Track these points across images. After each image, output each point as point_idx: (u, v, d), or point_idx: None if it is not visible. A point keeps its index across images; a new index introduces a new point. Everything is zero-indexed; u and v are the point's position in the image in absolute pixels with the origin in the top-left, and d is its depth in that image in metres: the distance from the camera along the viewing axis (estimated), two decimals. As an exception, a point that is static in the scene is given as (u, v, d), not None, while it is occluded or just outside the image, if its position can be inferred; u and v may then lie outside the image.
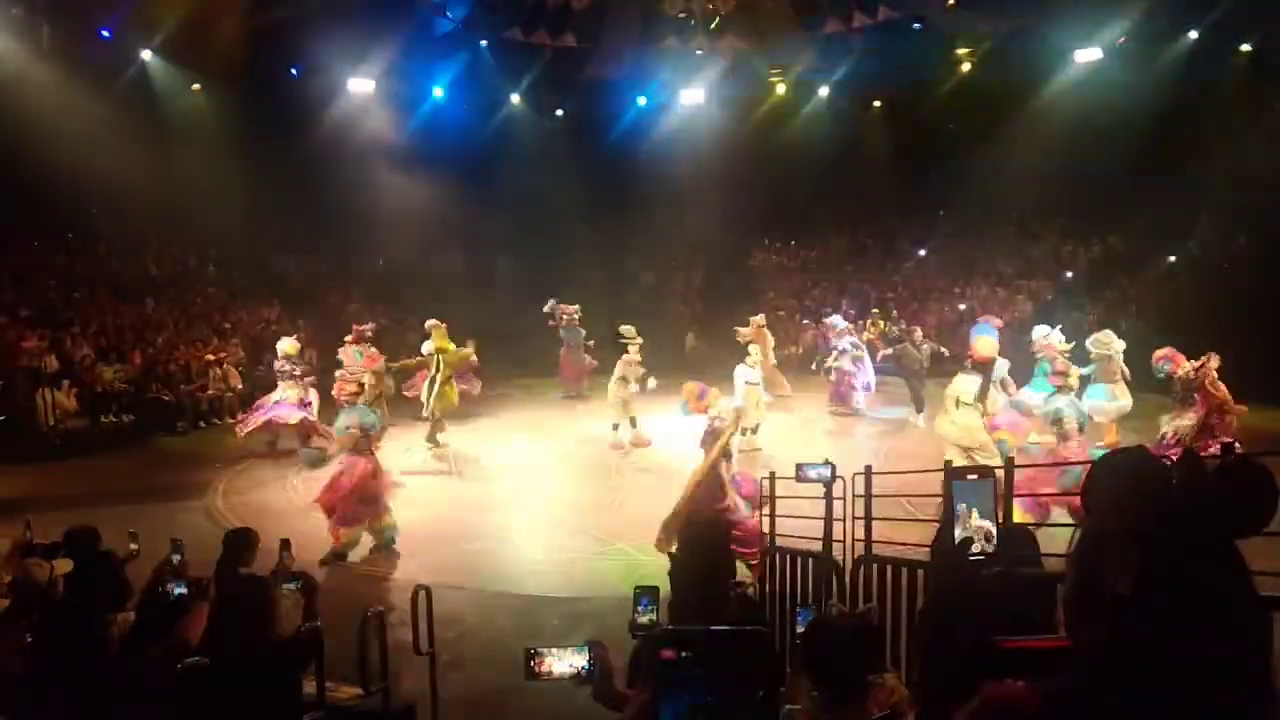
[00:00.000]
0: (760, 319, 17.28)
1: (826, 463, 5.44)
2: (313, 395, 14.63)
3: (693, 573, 3.37)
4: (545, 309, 18.18)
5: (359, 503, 9.99)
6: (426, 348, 15.27)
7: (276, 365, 14.70)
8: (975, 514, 2.22)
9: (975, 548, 2.19)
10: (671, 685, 2.38)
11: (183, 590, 4.02)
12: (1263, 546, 1.70)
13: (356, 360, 10.63)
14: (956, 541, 2.18)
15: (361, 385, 10.48)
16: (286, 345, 14.90)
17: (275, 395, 14.60)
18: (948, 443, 10.65)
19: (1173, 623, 1.49)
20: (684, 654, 2.39)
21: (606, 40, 21.70)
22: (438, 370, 14.63)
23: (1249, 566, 1.50)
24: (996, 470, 2.66)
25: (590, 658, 2.84)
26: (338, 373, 10.86)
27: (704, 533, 3.63)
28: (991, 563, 2.20)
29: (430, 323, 15.47)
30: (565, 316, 18.37)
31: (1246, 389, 11.61)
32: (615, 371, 14.73)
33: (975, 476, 2.29)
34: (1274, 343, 15.38)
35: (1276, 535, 1.80)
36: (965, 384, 10.73)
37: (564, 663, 2.83)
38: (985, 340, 11.13)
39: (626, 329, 15.12)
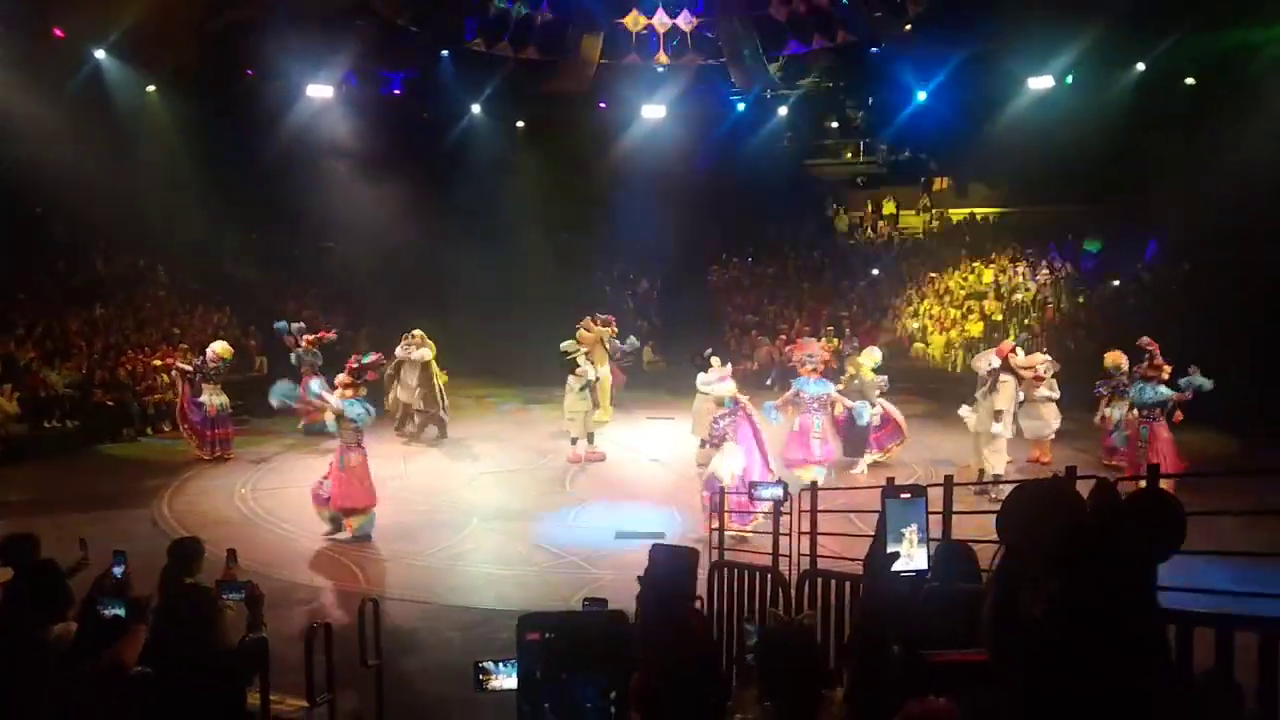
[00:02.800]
0: (605, 326, 16.19)
1: (779, 482, 5.52)
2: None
3: (659, 598, 3.45)
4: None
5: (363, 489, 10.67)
6: (424, 355, 15.83)
7: (210, 368, 14.96)
8: (914, 531, 2.28)
9: (906, 564, 2.26)
10: (537, 663, 2.51)
11: (118, 611, 3.97)
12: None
13: (365, 359, 11.27)
14: (886, 555, 2.24)
15: (357, 375, 11.03)
16: (220, 348, 15.26)
17: (207, 400, 14.86)
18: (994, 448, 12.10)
19: (1083, 645, 1.56)
20: (547, 634, 2.50)
21: (568, 55, 21.78)
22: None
23: (1155, 587, 1.58)
24: (930, 488, 2.75)
25: None
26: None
27: (670, 561, 3.70)
28: (921, 579, 2.27)
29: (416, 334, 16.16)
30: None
31: (1188, 410, 12.06)
32: (569, 386, 14.65)
33: (908, 495, 2.35)
34: (1221, 366, 15.80)
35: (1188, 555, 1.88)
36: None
37: (512, 677, 2.89)
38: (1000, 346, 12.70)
39: (569, 344, 15.03)
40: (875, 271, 26.85)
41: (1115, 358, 13.25)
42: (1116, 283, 22.64)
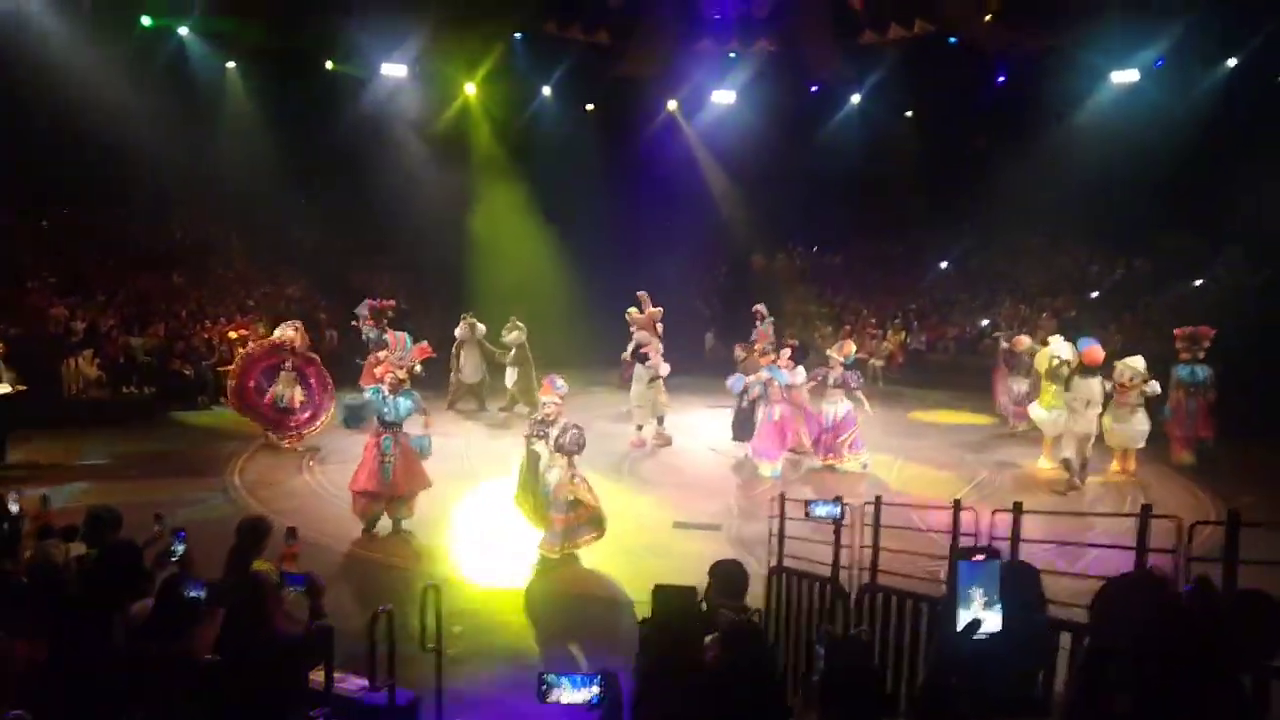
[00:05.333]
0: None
1: (837, 499, 5.46)
2: None
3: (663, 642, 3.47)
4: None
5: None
6: (517, 338, 16.45)
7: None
8: (981, 597, 2.25)
9: (982, 630, 2.22)
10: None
11: (199, 594, 4.07)
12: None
13: (408, 347, 10.81)
14: (963, 624, 2.21)
15: (412, 372, 10.72)
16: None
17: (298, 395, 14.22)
18: (1073, 438, 12.29)
19: None
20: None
21: (640, 39, 21.72)
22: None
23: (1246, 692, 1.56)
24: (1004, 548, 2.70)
25: (601, 689, 2.93)
26: (382, 354, 11.07)
27: (674, 599, 3.69)
28: (997, 643, 2.22)
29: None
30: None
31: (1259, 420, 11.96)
32: (637, 375, 14.78)
33: (982, 557, 2.31)
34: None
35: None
36: (1093, 387, 12.14)
37: (575, 692, 2.93)
38: (1095, 348, 12.38)
39: (642, 336, 15.13)
40: (944, 264, 26.40)
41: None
42: (1199, 283, 21.97)
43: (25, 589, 4.69)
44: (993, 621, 2.25)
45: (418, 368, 10.77)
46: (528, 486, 9.77)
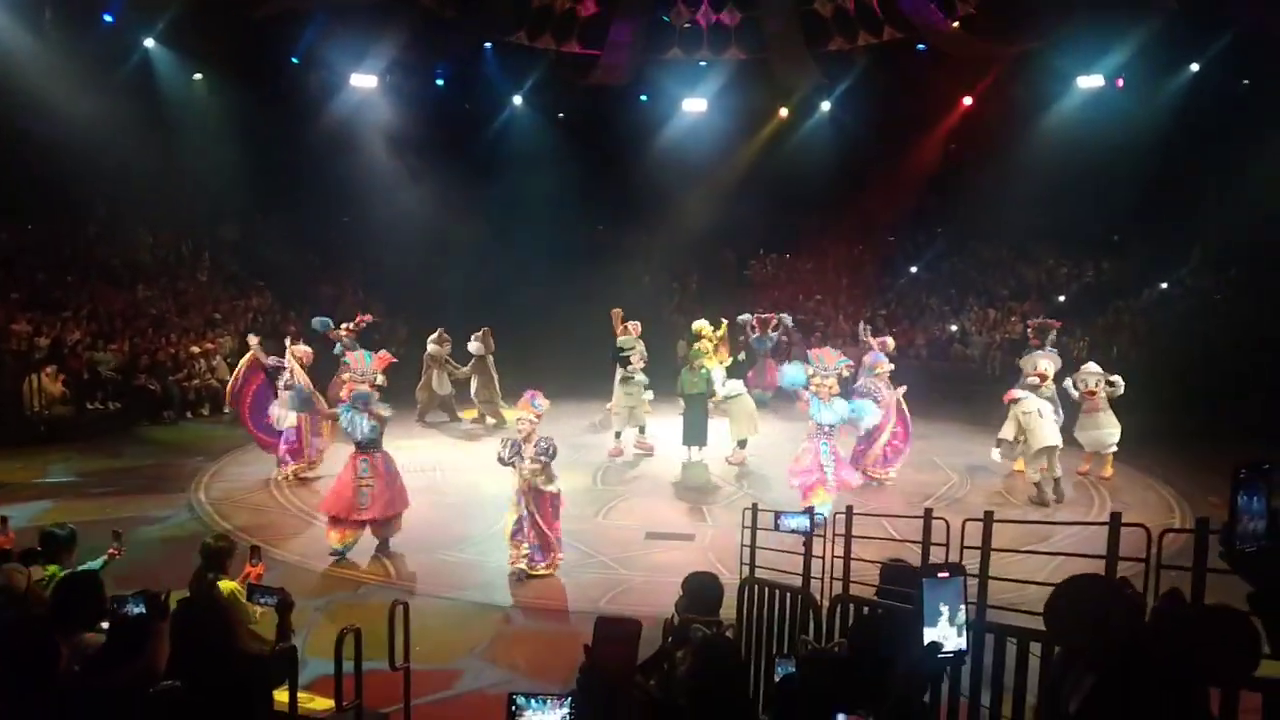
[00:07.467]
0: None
1: (806, 511, 5.43)
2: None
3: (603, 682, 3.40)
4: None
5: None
6: (478, 349, 16.13)
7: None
8: (947, 614, 2.22)
9: (947, 647, 2.20)
10: None
11: (140, 609, 3.95)
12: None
13: (367, 362, 10.47)
14: (926, 643, 2.18)
15: (375, 387, 10.36)
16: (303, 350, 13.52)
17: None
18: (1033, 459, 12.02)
19: None
20: None
21: (610, 48, 21.70)
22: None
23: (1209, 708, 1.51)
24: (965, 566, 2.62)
25: (571, 711, 2.89)
26: (345, 375, 10.77)
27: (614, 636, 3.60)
28: (960, 660, 2.21)
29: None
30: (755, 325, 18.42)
31: (1230, 420, 12.02)
32: (621, 381, 14.66)
33: (946, 575, 2.28)
34: (1260, 374, 15.63)
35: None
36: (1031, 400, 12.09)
37: (545, 714, 2.88)
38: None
39: (625, 340, 15.11)
40: (914, 269, 26.54)
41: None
42: (1164, 286, 22.25)
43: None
44: (956, 640, 2.22)
45: (379, 379, 10.42)
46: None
